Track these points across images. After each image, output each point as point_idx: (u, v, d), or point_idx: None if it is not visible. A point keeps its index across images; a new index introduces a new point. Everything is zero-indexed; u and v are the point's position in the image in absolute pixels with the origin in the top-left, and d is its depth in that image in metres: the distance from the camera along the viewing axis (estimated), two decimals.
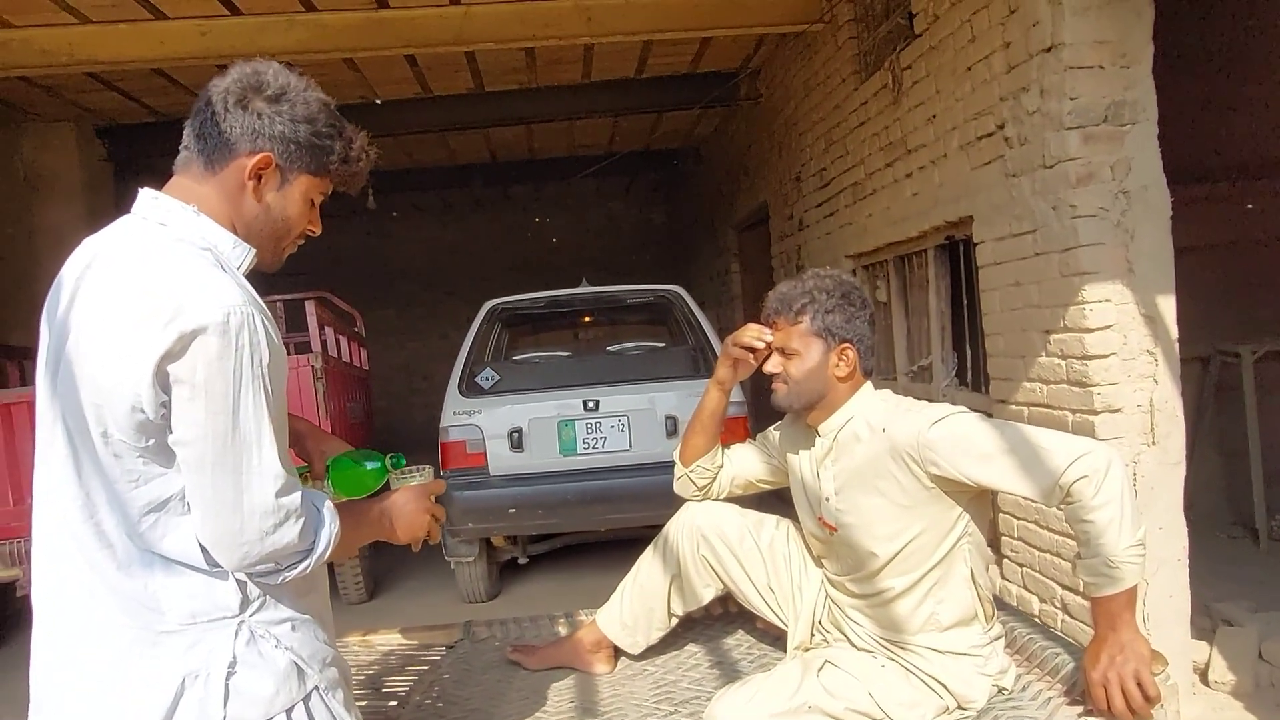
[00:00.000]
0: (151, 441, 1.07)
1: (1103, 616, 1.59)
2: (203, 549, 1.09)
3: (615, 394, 4.20)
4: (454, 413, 4.20)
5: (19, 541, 3.86)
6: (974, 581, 1.76)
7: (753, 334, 1.87)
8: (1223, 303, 4.36)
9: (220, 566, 1.10)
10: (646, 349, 4.78)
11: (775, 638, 2.15)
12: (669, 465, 2.17)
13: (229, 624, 1.10)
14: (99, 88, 5.50)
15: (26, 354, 5.00)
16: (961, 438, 1.65)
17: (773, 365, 1.84)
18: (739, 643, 2.23)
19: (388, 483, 1.41)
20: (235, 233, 1.18)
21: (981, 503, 1.77)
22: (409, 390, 10.35)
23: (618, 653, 2.16)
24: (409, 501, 1.34)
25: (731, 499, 2.14)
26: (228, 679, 1.08)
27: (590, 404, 4.18)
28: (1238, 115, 4.58)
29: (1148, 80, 2.68)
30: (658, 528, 2.20)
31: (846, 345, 1.79)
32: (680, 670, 2.12)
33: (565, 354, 4.94)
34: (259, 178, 1.17)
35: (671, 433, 4.15)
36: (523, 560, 4.66)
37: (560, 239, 10.94)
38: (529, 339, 5.61)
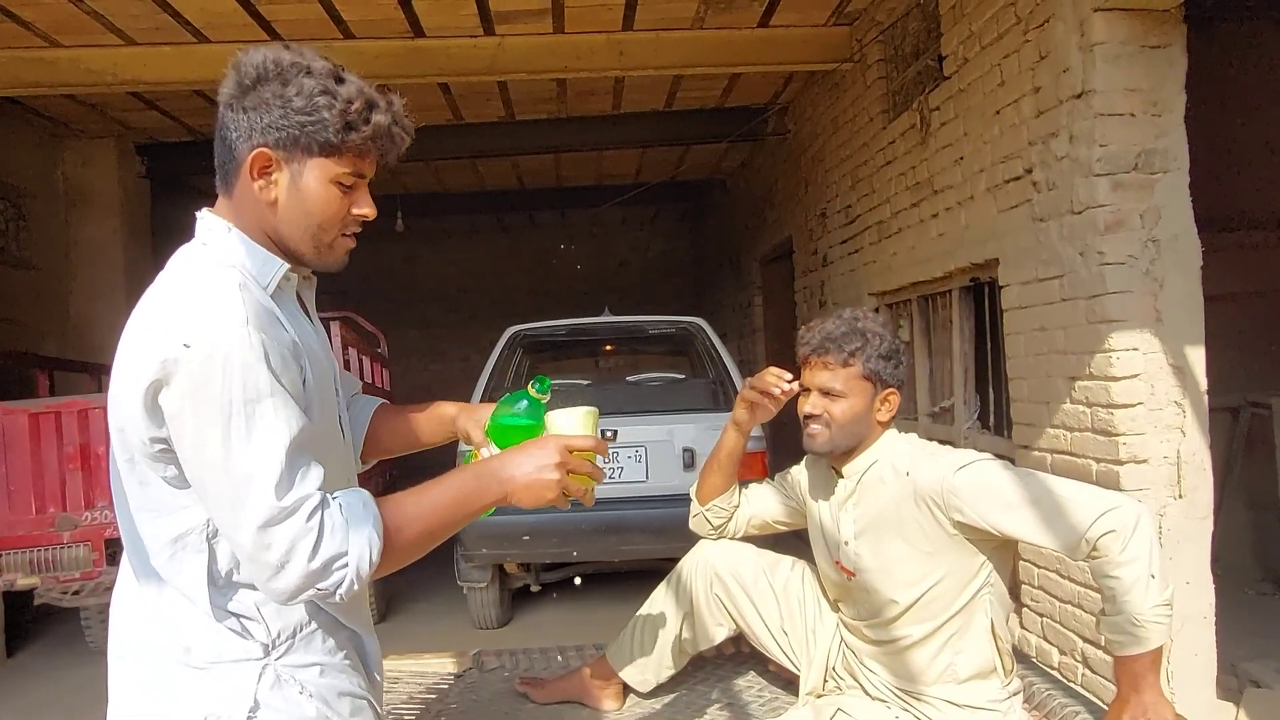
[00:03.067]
0: (171, 471, 1.02)
1: (1126, 676, 1.55)
2: (221, 587, 1.05)
3: (634, 424, 4.19)
4: None
5: (39, 550, 3.91)
6: (994, 634, 1.72)
7: (772, 378, 1.83)
8: (1253, 352, 4.29)
9: (239, 606, 1.05)
10: (666, 380, 4.77)
11: (787, 681, 2.11)
12: (685, 498, 2.16)
13: (253, 665, 1.04)
14: (141, 107, 5.64)
15: (58, 364, 5.09)
16: (987, 485, 1.63)
17: (813, 406, 1.75)
18: (750, 685, 2.20)
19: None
20: (269, 241, 1.10)
21: (1005, 553, 1.74)
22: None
23: (627, 690, 2.13)
24: (528, 460, 1.11)
25: (747, 539, 2.12)
26: None
27: (608, 433, 4.17)
28: (1272, 162, 4.54)
29: (1179, 130, 2.67)
30: (672, 560, 2.18)
31: (892, 391, 1.77)
32: (689, 711, 2.08)
33: (585, 382, 4.95)
34: (266, 175, 1.07)
35: (689, 465, 4.12)
36: (535, 588, 4.64)
37: (585, 267, 11.01)
38: (550, 366, 5.63)
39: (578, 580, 4.64)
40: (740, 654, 2.31)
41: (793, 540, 2.41)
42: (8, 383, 4.87)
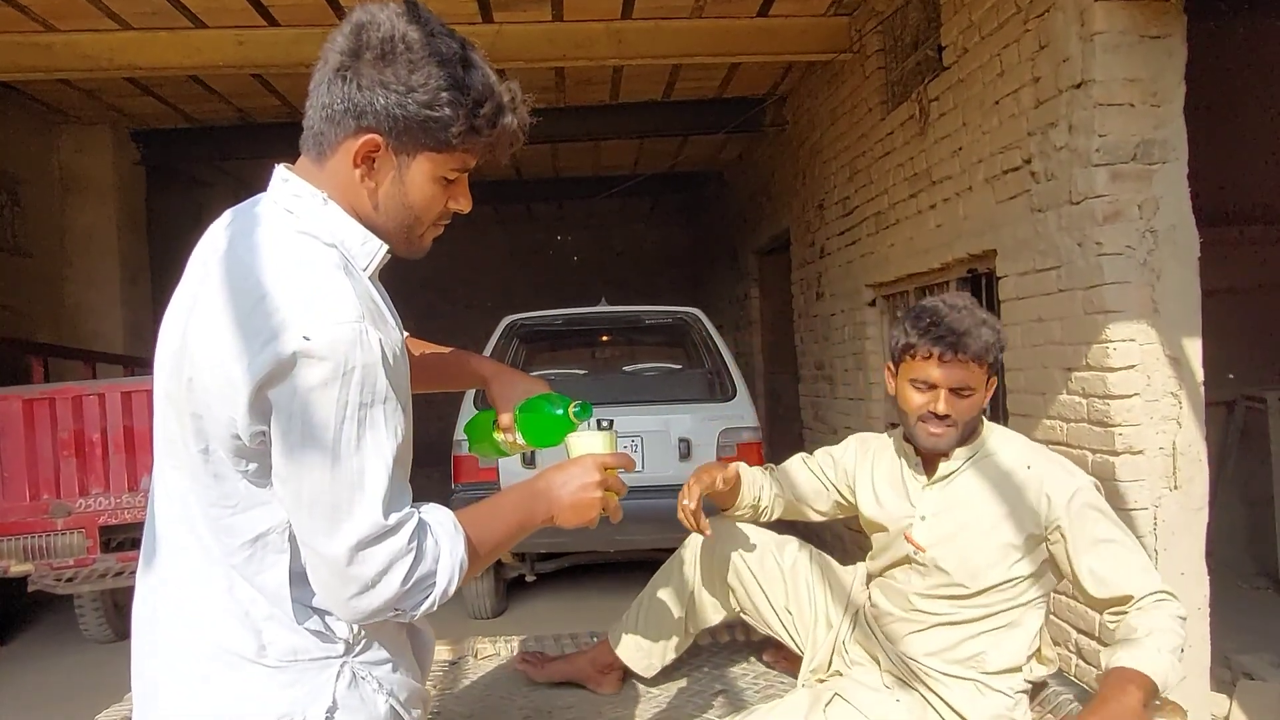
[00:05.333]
0: (254, 466, 0.95)
1: (1115, 681, 1.49)
2: (303, 586, 0.99)
3: (629, 414, 4.19)
4: (462, 435, 4.20)
5: (33, 537, 3.90)
6: (1038, 641, 1.71)
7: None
8: (1249, 347, 4.30)
9: (323, 603, 0.99)
10: (663, 370, 4.77)
11: (784, 670, 2.12)
12: (680, 488, 2.14)
13: (332, 664, 0.99)
14: (136, 93, 5.61)
15: (52, 350, 5.07)
16: (1099, 519, 1.62)
17: (946, 406, 1.65)
18: (746, 672, 2.20)
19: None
20: (359, 218, 1.02)
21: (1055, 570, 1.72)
22: (424, 401, 10.29)
23: (627, 674, 2.12)
24: (571, 480, 1.12)
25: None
26: None
27: (604, 423, 4.16)
28: (1270, 157, 4.53)
29: (1178, 120, 2.66)
30: (667, 551, 2.17)
31: (995, 379, 1.72)
32: (685, 696, 2.08)
33: (581, 372, 4.95)
34: (370, 163, 0.98)
35: (685, 455, 4.12)
36: (530, 578, 4.64)
37: (582, 258, 11.00)
38: (546, 355, 5.63)
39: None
40: (735, 641, 2.31)
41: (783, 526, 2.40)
42: (2, 369, 4.86)
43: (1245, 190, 4.51)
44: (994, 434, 1.76)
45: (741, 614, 2.04)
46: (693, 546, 2.06)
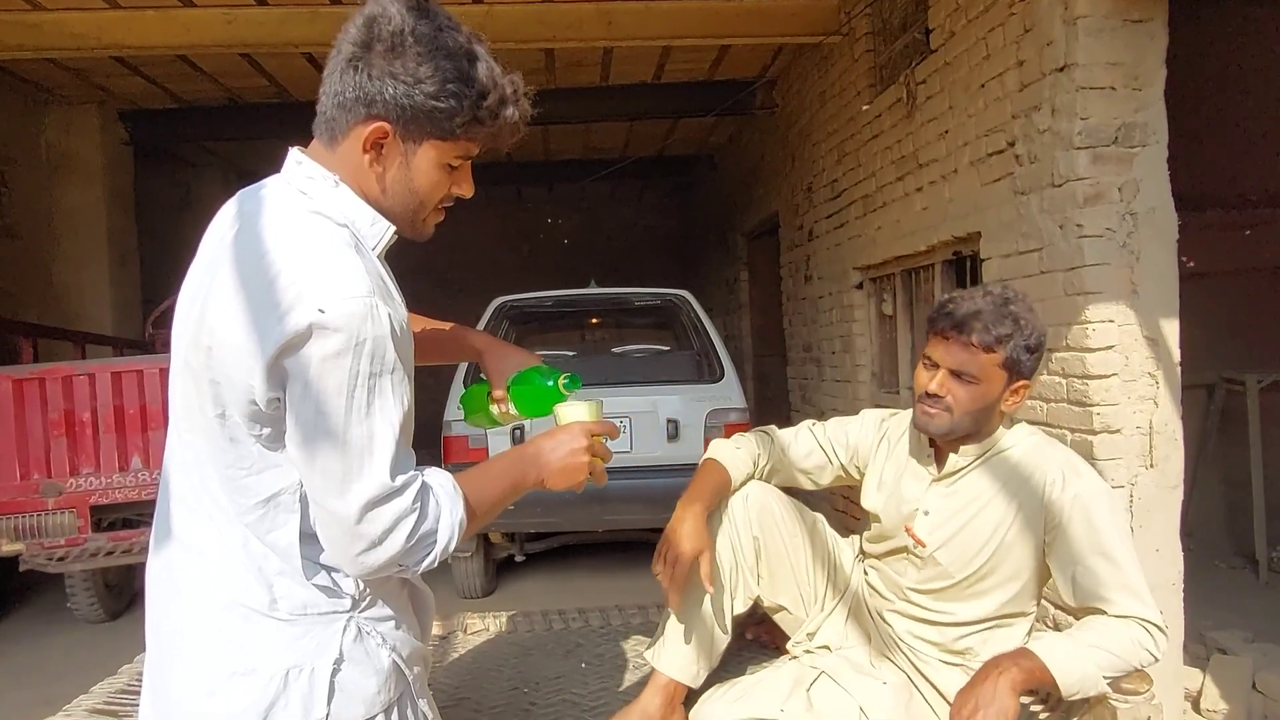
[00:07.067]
0: (267, 430, 1.00)
1: (999, 659, 1.50)
2: (312, 544, 1.04)
3: (618, 395, 4.22)
4: (457, 408, 4.23)
5: (24, 516, 3.92)
6: (1028, 637, 1.71)
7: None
8: (1230, 331, 4.36)
9: (331, 560, 1.04)
10: (651, 352, 4.80)
11: (766, 644, 2.16)
12: (669, 469, 2.14)
13: (339, 619, 1.05)
14: (125, 72, 5.57)
15: (42, 331, 5.06)
16: (1099, 529, 1.57)
17: (939, 386, 1.61)
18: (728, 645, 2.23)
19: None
20: (367, 200, 1.07)
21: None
22: (416, 385, 10.39)
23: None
24: (560, 445, 1.19)
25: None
26: (333, 675, 1.03)
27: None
28: (1248, 143, 4.57)
29: (1159, 104, 2.69)
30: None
31: (1025, 383, 1.63)
32: None
33: (570, 354, 4.97)
34: (379, 149, 1.04)
35: (673, 436, 4.16)
36: (519, 558, 4.68)
37: (572, 241, 10.98)
38: (535, 338, 5.65)
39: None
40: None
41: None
42: None
43: (1223, 176, 4.55)
44: (1013, 432, 1.69)
45: (759, 582, 1.86)
46: (738, 504, 1.84)
